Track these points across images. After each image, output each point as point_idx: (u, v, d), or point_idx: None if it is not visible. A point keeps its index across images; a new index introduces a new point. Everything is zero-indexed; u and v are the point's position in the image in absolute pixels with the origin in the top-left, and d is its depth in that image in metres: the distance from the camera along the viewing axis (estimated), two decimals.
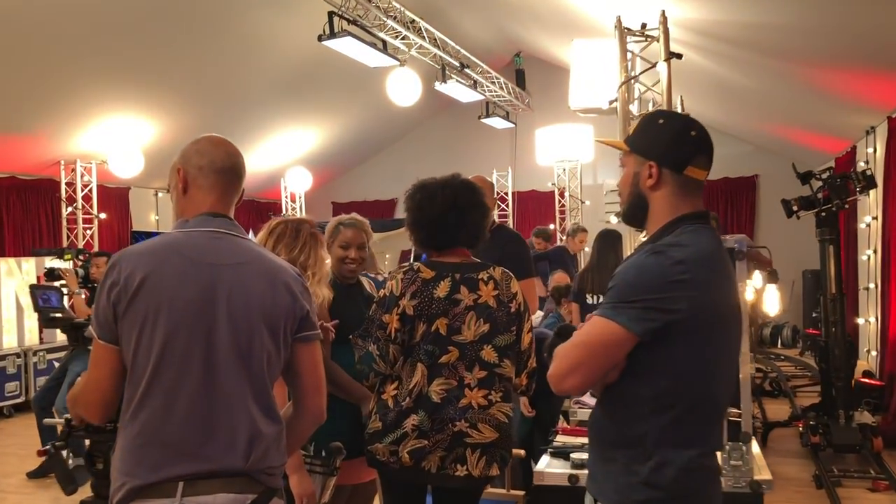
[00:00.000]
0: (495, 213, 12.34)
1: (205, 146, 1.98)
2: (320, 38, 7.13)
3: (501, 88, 11.48)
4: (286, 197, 12.45)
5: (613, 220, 4.65)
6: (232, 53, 8.63)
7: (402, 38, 8.23)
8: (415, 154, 14.01)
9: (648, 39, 4.38)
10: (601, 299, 4.80)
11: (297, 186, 12.22)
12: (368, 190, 14.29)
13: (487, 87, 10.97)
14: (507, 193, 12.50)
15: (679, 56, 4.35)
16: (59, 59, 7.36)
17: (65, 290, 5.93)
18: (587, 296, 4.64)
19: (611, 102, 4.59)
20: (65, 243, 9.29)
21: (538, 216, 13.12)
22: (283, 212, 12.39)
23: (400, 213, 14.23)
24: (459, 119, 12.58)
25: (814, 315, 10.26)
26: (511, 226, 12.43)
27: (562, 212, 11.86)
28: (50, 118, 8.24)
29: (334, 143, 12.63)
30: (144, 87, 8.48)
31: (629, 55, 6.63)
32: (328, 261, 3.06)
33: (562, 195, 11.83)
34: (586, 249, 8.69)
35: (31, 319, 8.12)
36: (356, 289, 3.29)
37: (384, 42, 8.01)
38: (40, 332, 8.35)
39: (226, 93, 9.47)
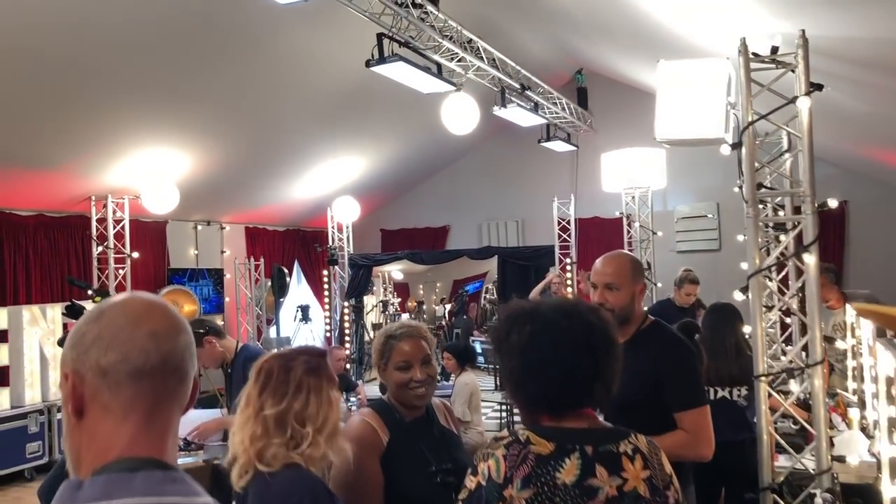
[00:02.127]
0: (556, 242, 11.56)
1: (115, 326, 1.07)
2: (368, 64, 6.32)
3: (563, 109, 10.56)
4: (332, 227, 11.70)
5: (738, 296, 3.68)
6: (273, 79, 7.91)
7: (459, 60, 7.38)
8: (468, 179, 13.18)
9: (779, 66, 3.46)
10: (721, 393, 3.86)
11: (343, 216, 11.46)
12: (420, 217, 13.49)
13: (548, 108, 10.06)
14: (568, 222, 11.53)
15: (820, 88, 3.42)
16: (88, 92, 6.74)
17: None
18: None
19: (733, 147, 3.65)
20: (95, 284, 8.64)
21: (603, 246, 12.09)
22: (330, 242, 11.64)
23: (454, 240, 13.52)
24: (516, 142, 11.70)
25: None
26: (574, 256, 11.48)
27: (630, 243, 10.85)
28: (79, 153, 7.62)
29: (383, 168, 11.86)
30: (179, 117, 7.82)
31: (730, 81, 5.68)
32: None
33: (629, 225, 10.83)
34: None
35: (57, 372, 7.45)
36: (427, 423, 2.44)
37: (439, 65, 7.17)
38: None
39: (267, 121, 8.76)
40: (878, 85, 5.83)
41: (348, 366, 11.15)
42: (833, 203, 3.44)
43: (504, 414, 8.46)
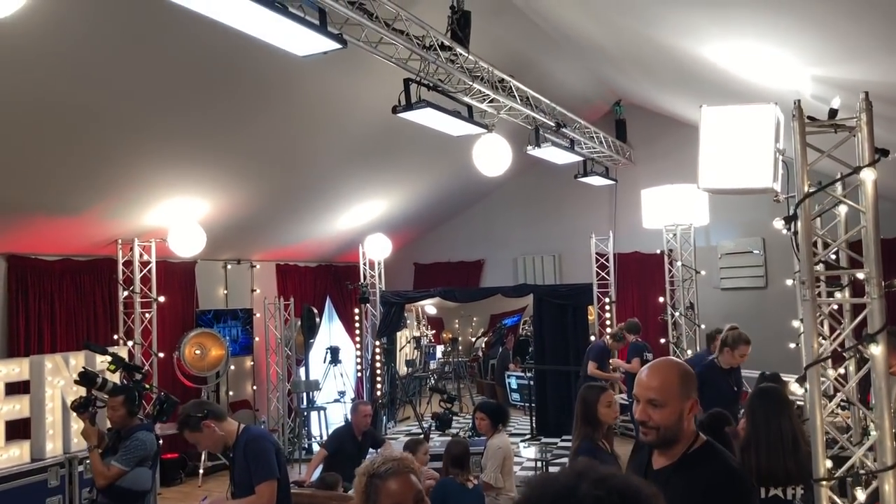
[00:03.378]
0: (594, 280, 11.16)
1: None
2: (395, 110, 6.08)
3: (601, 143, 10.21)
4: (364, 264, 11.47)
5: (797, 388, 3.30)
6: (301, 122, 7.73)
7: (490, 101, 7.10)
8: (503, 213, 12.89)
9: (839, 130, 3.11)
10: (773, 492, 3.45)
11: (375, 253, 11.23)
12: (454, 251, 13.21)
13: (585, 143, 9.72)
14: (607, 258, 11.13)
15: (886, 153, 3.05)
16: (113, 140, 6.63)
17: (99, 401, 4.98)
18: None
19: (787, 223, 3.28)
20: (121, 329, 8.50)
21: (643, 282, 11.71)
22: (362, 279, 11.41)
23: (489, 274, 13.20)
24: (553, 175, 11.33)
25: None
26: (612, 294, 11.08)
27: (671, 281, 10.42)
28: (105, 198, 7.51)
29: (416, 203, 11.63)
30: (206, 162, 7.68)
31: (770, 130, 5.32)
32: None
33: (671, 263, 10.41)
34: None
35: (79, 422, 7.28)
36: None
37: (469, 107, 6.90)
38: None
39: (296, 161, 8.58)
40: None
41: (379, 407, 10.87)
42: None
43: (537, 472, 8.08)
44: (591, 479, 1.28)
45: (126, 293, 8.54)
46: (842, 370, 4.64)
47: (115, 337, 8.46)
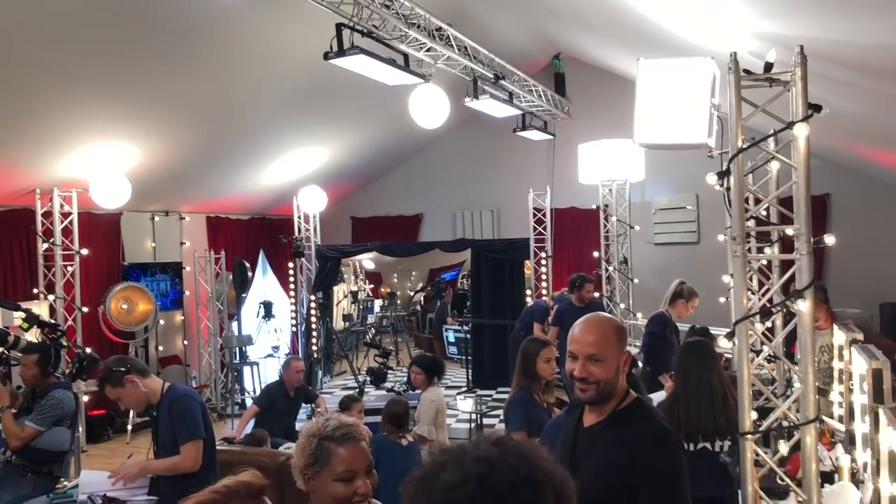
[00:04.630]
0: (531, 235, 11.16)
1: None
2: (327, 56, 5.84)
3: (539, 97, 10.12)
4: (299, 217, 11.22)
5: (725, 343, 3.32)
6: (230, 69, 7.41)
7: (427, 50, 6.91)
8: (441, 166, 12.74)
9: (774, 84, 3.07)
10: (702, 444, 3.48)
11: (310, 207, 10.98)
12: (391, 205, 13.04)
13: (524, 97, 9.61)
14: (544, 213, 11.14)
15: (819, 109, 3.03)
16: (29, 84, 6.22)
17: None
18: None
19: (720, 179, 3.25)
20: (41, 283, 8.14)
21: (579, 237, 11.79)
22: (296, 233, 11.17)
23: (427, 229, 13.09)
24: (491, 129, 11.22)
25: None
26: (549, 249, 11.12)
27: (606, 236, 10.50)
28: (20, 144, 7.08)
29: (352, 155, 11.38)
30: (129, 108, 7.31)
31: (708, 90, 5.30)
32: None
33: (606, 218, 10.48)
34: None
35: None
36: None
37: (405, 55, 6.70)
38: None
39: (225, 109, 8.25)
40: (869, 88, 5.47)
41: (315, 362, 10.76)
42: (830, 240, 3.07)
43: (472, 424, 8.12)
44: (463, 460, 1.18)
45: (46, 245, 8.15)
46: (769, 324, 4.72)
47: (35, 291, 8.11)
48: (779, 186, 4.95)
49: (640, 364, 6.33)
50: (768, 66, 3.11)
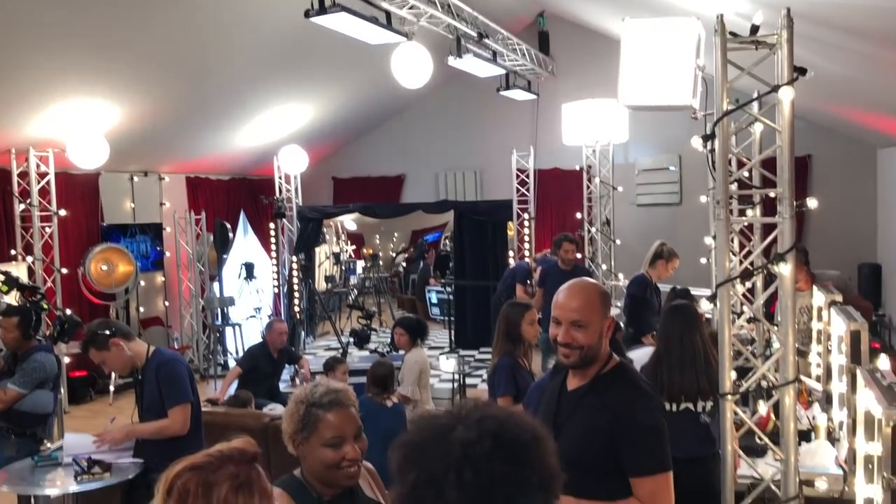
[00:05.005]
0: (514, 196, 11.15)
1: None
2: (308, 15, 5.74)
3: (523, 56, 10.02)
4: (280, 178, 11.12)
5: (707, 305, 3.34)
6: (210, 26, 7.26)
7: (410, 7, 6.80)
8: (424, 126, 12.62)
9: (760, 47, 3.06)
10: (684, 404, 3.53)
11: (291, 167, 10.88)
12: (373, 165, 12.93)
13: (508, 55, 9.52)
14: (527, 175, 11.11)
15: (804, 72, 3.02)
16: (4, 36, 6.04)
17: None
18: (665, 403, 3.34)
19: (705, 139, 3.25)
20: (19, 244, 8.05)
21: (561, 199, 11.77)
22: (277, 194, 11.09)
23: (409, 189, 13.02)
24: (474, 89, 11.09)
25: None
26: (532, 211, 11.12)
27: (589, 198, 10.51)
28: None
29: (333, 115, 11.24)
30: (106, 65, 7.15)
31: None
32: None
33: (590, 179, 10.47)
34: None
35: None
36: (350, 499, 2.08)
37: (388, 13, 6.60)
38: None
39: (204, 69, 8.10)
40: (854, 50, 5.45)
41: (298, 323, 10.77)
42: (812, 203, 3.09)
43: (456, 384, 8.18)
44: (470, 420, 1.24)
45: (23, 206, 8.03)
46: (749, 285, 4.76)
47: (13, 252, 8.01)
48: (762, 149, 4.98)
49: (623, 326, 6.39)
50: (754, 29, 3.09)
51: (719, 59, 3.03)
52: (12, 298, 5.33)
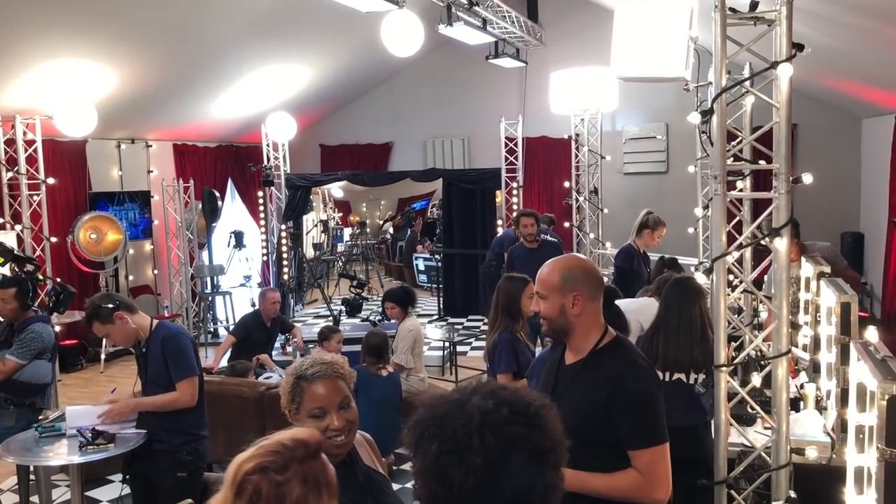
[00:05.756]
0: (503, 164, 11.14)
1: None
2: None
3: (513, 23, 9.97)
4: (268, 145, 11.06)
5: (702, 278, 3.41)
6: None
7: None
8: (412, 94, 12.56)
9: (758, 23, 3.08)
10: (676, 375, 3.62)
11: (279, 134, 10.81)
12: (361, 132, 12.88)
13: (497, 23, 9.46)
14: (516, 144, 11.11)
15: (801, 48, 3.06)
16: None
17: None
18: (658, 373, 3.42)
19: (703, 117, 3.28)
20: (7, 213, 7.99)
21: (549, 167, 11.80)
22: (265, 161, 11.03)
23: (397, 157, 12.98)
24: (463, 56, 11.02)
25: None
26: (520, 179, 11.15)
27: (577, 166, 10.56)
28: None
29: (321, 81, 11.15)
30: (91, 28, 7.06)
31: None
32: None
33: (577, 148, 10.50)
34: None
35: None
36: (348, 469, 2.11)
37: None
38: None
39: (191, 35, 8.02)
40: (849, 23, 5.49)
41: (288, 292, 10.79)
42: (808, 178, 3.14)
43: (447, 351, 8.28)
44: (483, 391, 1.32)
45: (10, 174, 7.96)
46: (737, 255, 4.84)
47: (1, 221, 7.95)
48: (753, 121, 5.02)
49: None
50: (754, 5, 3.11)
51: (719, 35, 3.05)
52: (6, 270, 5.32)
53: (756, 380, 3.28)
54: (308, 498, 1.42)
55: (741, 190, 4.21)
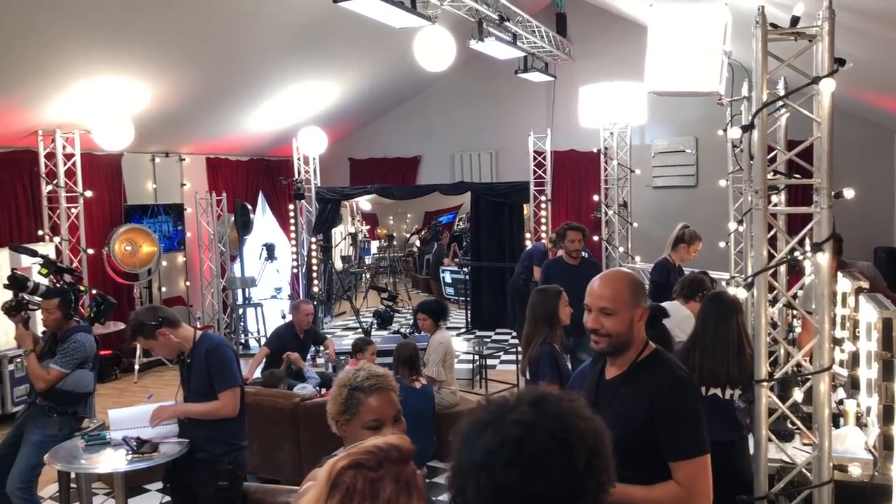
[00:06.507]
0: (531, 178, 11.17)
1: None
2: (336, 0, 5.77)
3: (542, 38, 10.02)
4: (299, 159, 11.18)
5: (742, 292, 3.41)
6: (234, 6, 7.29)
7: None
8: (440, 108, 12.65)
9: (799, 38, 3.09)
10: (712, 391, 3.60)
11: (310, 148, 10.93)
12: (390, 146, 12.98)
13: (526, 38, 9.51)
14: (544, 157, 11.14)
15: (843, 63, 3.07)
16: (28, 20, 6.09)
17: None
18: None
19: (745, 129, 3.29)
20: (46, 225, 8.15)
21: (578, 180, 11.82)
22: (296, 175, 11.15)
23: (425, 171, 13.05)
24: (491, 70, 11.09)
25: None
26: (548, 192, 11.16)
27: (606, 180, 10.55)
28: (24, 84, 6.99)
29: (351, 96, 11.27)
30: (131, 46, 7.19)
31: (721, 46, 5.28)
32: None
33: (607, 161, 10.50)
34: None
35: (7, 322, 7.05)
36: None
37: None
38: None
39: (226, 49, 8.14)
40: (881, 36, 5.47)
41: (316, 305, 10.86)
42: (850, 193, 3.14)
43: (476, 364, 8.29)
44: (528, 400, 1.29)
45: (50, 187, 8.13)
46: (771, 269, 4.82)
47: (41, 233, 8.12)
48: (787, 135, 5.01)
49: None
50: (795, 20, 3.13)
51: (759, 50, 3.07)
52: (47, 281, 5.42)
53: (798, 395, 3.27)
54: (399, 497, 1.43)
55: (776, 204, 4.21)
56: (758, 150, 3.13)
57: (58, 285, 5.04)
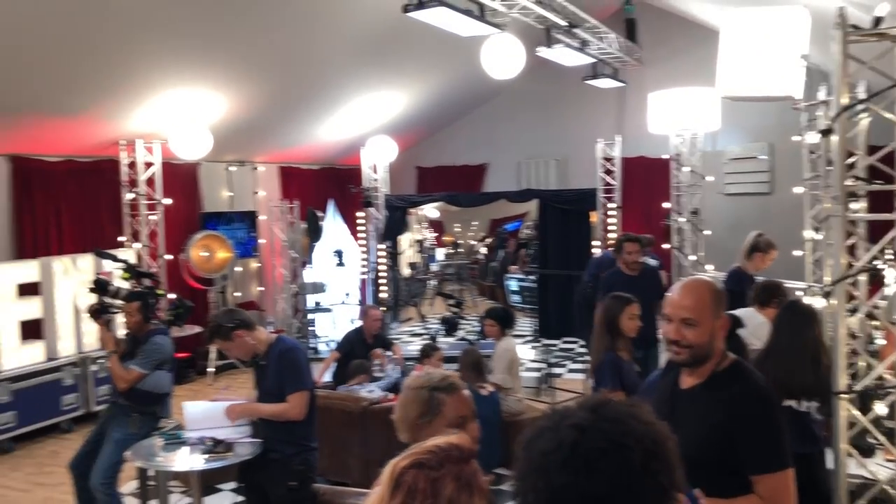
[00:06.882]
0: (599, 185, 11.07)
1: None
2: (406, 10, 5.85)
3: (611, 44, 9.92)
4: (368, 167, 11.35)
5: (819, 302, 3.31)
6: (304, 20, 7.48)
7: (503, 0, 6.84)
8: (507, 116, 12.66)
9: (881, 39, 2.99)
10: (787, 402, 3.49)
11: (379, 157, 11.08)
12: (456, 154, 13.06)
13: (595, 44, 9.44)
14: (613, 164, 11.02)
15: None
16: (111, 34, 6.39)
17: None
18: None
19: (824, 133, 3.21)
20: (127, 231, 8.48)
21: (648, 187, 11.63)
22: (365, 183, 11.31)
23: (492, 178, 13.08)
24: (559, 77, 11.03)
25: None
26: (618, 199, 11.03)
27: (677, 187, 10.35)
28: (104, 97, 7.33)
29: (419, 105, 11.39)
30: (208, 58, 7.46)
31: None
32: None
33: (677, 168, 10.30)
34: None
35: (91, 324, 7.36)
36: None
37: (481, 5, 6.65)
38: None
39: (301, 60, 8.36)
40: None
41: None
42: None
43: (543, 373, 8.25)
44: (588, 405, 1.28)
45: (131, 195, 8.46)
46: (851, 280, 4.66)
47: (122, 239, 8.45)
48: (869, 139, 4.85)
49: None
50: (877, 21, 3.03)
51: (839, 53, 2.99)
52: (128, 285, 5.64)
53: (881, 409, 3.16)
54: (461, 497, 1.45)
55: (855, 211, 4.07)
56: (837, 156, 3.04)
57: (138, 289, 5.24)
